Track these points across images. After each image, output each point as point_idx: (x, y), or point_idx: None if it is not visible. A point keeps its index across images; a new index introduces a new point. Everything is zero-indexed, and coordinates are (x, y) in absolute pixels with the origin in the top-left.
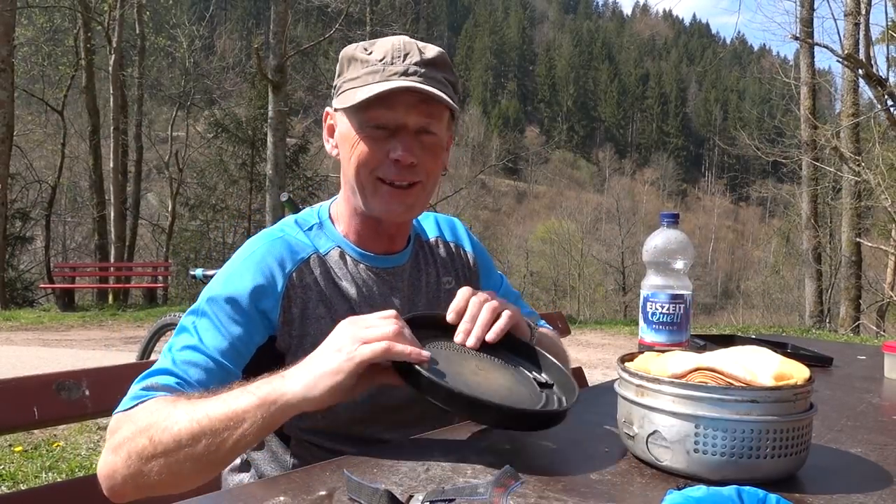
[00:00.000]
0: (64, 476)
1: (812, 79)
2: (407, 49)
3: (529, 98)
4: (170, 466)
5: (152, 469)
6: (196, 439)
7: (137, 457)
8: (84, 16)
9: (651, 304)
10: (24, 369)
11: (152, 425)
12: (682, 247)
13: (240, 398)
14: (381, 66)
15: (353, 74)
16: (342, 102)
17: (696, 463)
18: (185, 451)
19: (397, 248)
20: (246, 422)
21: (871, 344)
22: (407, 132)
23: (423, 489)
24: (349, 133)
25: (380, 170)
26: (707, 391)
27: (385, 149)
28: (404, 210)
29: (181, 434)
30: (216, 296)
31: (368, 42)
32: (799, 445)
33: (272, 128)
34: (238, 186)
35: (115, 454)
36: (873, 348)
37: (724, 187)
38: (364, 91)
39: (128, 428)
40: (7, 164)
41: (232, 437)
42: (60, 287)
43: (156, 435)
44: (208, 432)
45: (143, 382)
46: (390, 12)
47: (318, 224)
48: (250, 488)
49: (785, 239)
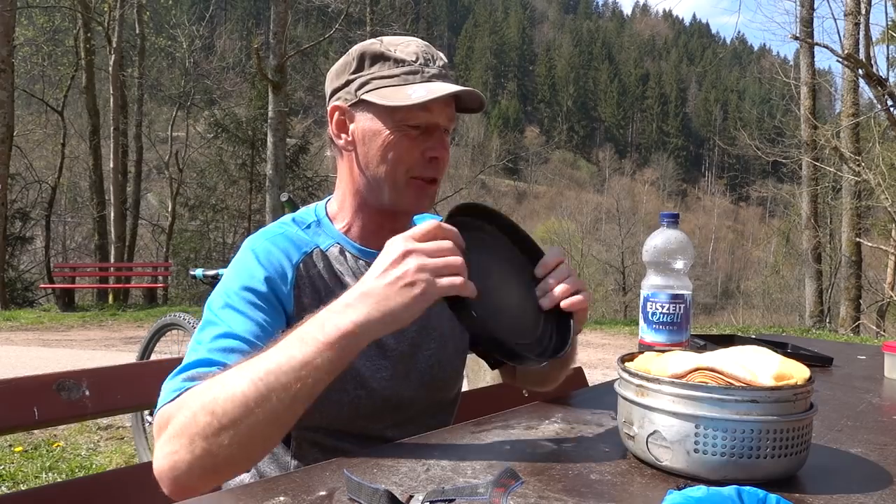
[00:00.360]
0: (64, 476)
1: (812, 79)
2: (431, 51)
3: (529, 98)
4: (240, 436)
5: (222, 444)
6: (265, 398)
7: (202, 436)
8: (84, 16)
9: (651, 304)
10: (24, 369)
11: (211, 401)
12: (682, 247)
13: (300, 346)
14: (418, 67)
15: (386, 72)
16: (384, 98)
17: (696, 463)
18: (256, 414)
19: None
20: (316, 367)
21: (871, 344)
22: (439, 131)
23: (423, 489)
24: (380, 130)
25: (415, 168)
26: (707, 391)
27: (420, 148)
28: (429, 203)
29: (247, 398)
30: (232, 288)
31: (379, 40)
32: (799, 445)
33: (272, 128)
34: (238, 186)
35: (173, 443)
36: (873, 348)
37: (724, 187)
38: (416, 90)
39: (182, 414)
40: (7, 164)
41: (305, 387)
42: (60, 287)
43: (218, 408)
44: (276, 387)
45: (182, 375)
46: (390, 12)
47: (315, 222)
48: (250, 488)
49: (785, 239)
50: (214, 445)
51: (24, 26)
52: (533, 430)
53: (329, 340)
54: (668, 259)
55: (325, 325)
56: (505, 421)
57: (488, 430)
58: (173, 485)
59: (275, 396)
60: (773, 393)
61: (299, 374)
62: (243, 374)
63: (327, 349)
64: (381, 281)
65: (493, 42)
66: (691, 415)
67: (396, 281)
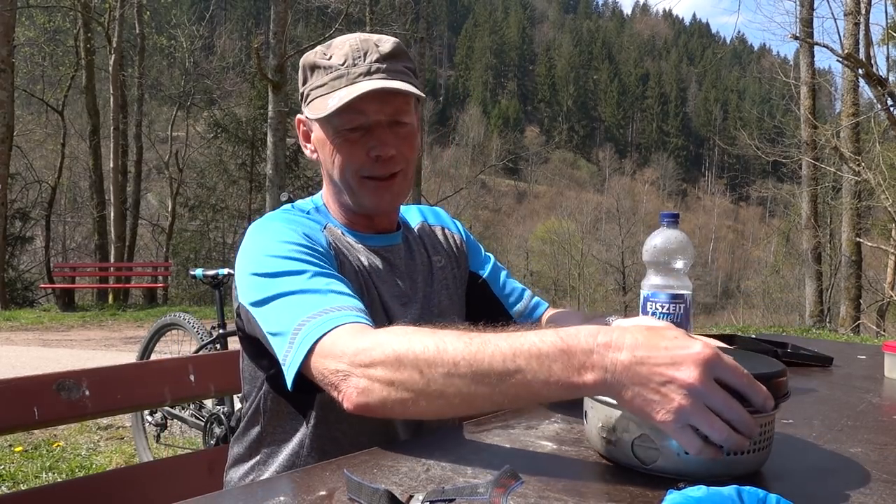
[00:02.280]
0: (64, 476)
1: (812, 79)
2: (364, 47)
3: (529, 98)
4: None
5: (418, 403)
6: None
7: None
8: (84, 16)
9: (651, 303)
10: (24, 369)
11: (426, 363)
12: (682, 247)
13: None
14: (344, 70)
15: (319, 81)
16: (314, 112)
17: (686, 462)
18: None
19: (389, 232)
20: (548, 398)
21: (871, 343)
22: (381, 128)
23: (423, 489)
24: (325, 139)
25: (363, 169)
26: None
27: (364, 148)
28: (391, 199)
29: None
30: (274, 253)
31: (325, 46)
32: (770, 439)
33: (272, 128)
34: (238, 186)
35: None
36: (873, 348)
37: (724, 187)
38: (334, 98)
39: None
40: (7, 164)
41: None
42: (60, 287)
43: (431, 374)
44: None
45: (317, 310)
46: (390, 12)
47: (314, 209)
48: (250, 488)
49: (785, 239)
50: (411, 400)
51: (25, 26)
52: (533, 430)
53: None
54: (668, 259)
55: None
56: (505, 421)
57: (488, 430)
58: (360, 405)
59: (481, 393)
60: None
61: (539, 394)
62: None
63: (576, 392)
64: (650, 361)
65: (493, 42)
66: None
67: (659, 383)
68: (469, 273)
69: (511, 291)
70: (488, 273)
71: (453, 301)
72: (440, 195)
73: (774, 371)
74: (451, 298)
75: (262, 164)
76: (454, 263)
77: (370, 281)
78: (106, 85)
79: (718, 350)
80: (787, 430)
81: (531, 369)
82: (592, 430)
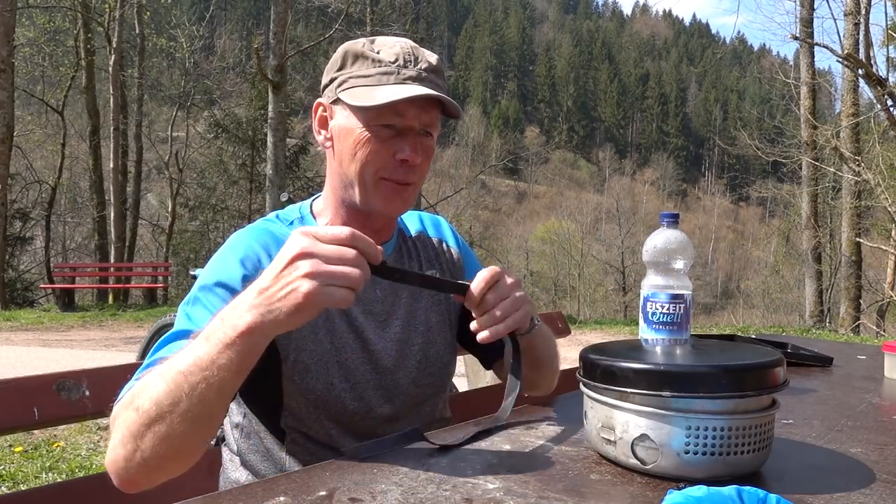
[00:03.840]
0: (64, 476)
1: (812, 79)
2: (416, 53)
3: (529, 98)
4: (161, 433)
5: (146, 441)
6: (177, 398)
7: (130, 433)
8: (84, 16)
9: (651, 304)
10: (24, 369)
11: (136, 397)
12: (682, 247)
13: (205, 345)
14: (394, 69)
15: (364, 72)
16: (354, 98)
17: (686, 463)
18: (172, 414)
19: (382, 241)
20: (220, 367)
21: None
22: (413, 134)
23: (423, 489)
24: (353, 129)
25: (385, 169)
26: (700, 392)
27: (392, 149)
28: (401, 205)
29: (160, 396)
30: (207, 283)
31: (369, 40)
32: (769, 439)
33: (272, 128)
34: (238, 187)
35: (113, 439)
36: (873, 348)
37: (724, 187)
38: (382, 91)
39: (119, 410)
40: (7, 164)
41: (211, 387)
42: (60, 287)
43: (141, 405)
44: (185, 387)
45: (139, 374)
46: (390, 12)
47: (298, 219)
48: (250, 488)
49: (785, 239)
50: (141, 443)
51: (25, 26)
52: (533, 430)
53: (228, 340)
54: (668, 259)
55: (225, 324)
56: (505, 421)
57: (488, 430)
58: (118, 480)
59: (185, 396)
60: (757, 392)
61: (204, 373)
62: (161, 374)
63: (227, 348)
64: (271, 280)
65: (493, 42)
66: (683, 416)
67: (285, 284)
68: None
69: None
70: None
71: (443, 318)
72: (440, 195)
73: (770, 360)
74: (442, 315)
75: (262, 164)
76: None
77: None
78: (106, 85)
79: (308, 231)
80: (787, 430)
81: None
82: (592, 430)
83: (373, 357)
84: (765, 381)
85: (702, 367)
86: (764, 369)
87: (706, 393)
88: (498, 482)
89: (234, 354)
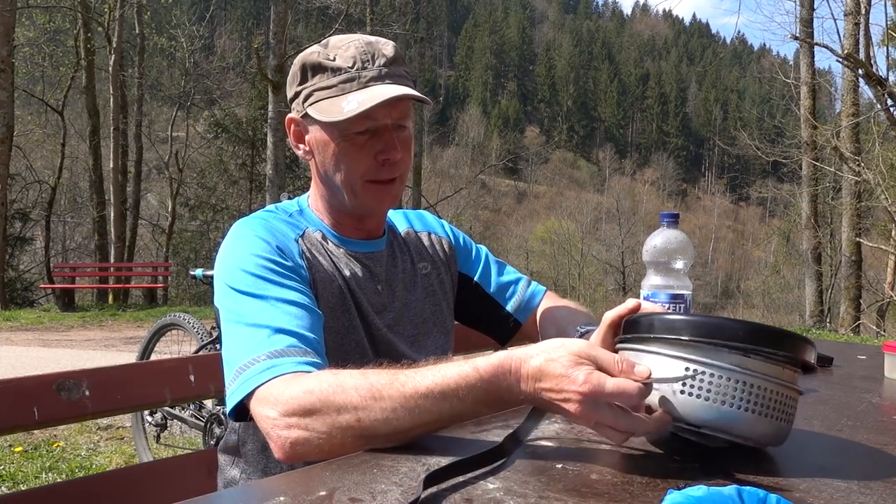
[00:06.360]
0: (64, 476)
1: (812, 79)
2: (370, 51)
3: (529, 98)
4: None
5: (354, 444)
6: (408, 428)
7: (342, 432)
8: (84, 16)
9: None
10: (24, 369)
11: (358, 407)
12: (682, 247)
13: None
14: (354, 73)
15: (325, 83)
16: (324, 114)
17: (680, 404)
18: (399, 435)
19: (374, 239)
20: (464, 417)
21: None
22: (388, 131)
23: (422, 489)
24: (329, 142)
25: (369, 173)
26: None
27: (371, 152)
28: (391, 201)
29: (393, 424)
30: (248, 264)
31: (322, 45)
32: (781, 412)
33: (272, 128)
34: (238, 187)
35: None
36: (873, 348)
37: (724, 187)
38: (349, 102)
39: (324, 400)
40: (7, 164)
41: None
42: (60, 287)
43: (366, 417)
44: (423, 422)
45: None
46: (390, 12)
47: (298, 211)
48: (250, 488)
49: (785, 239)
50: (347, 441)
51: (25, 26)
52: (533, 429)
53: (493, 409)
54: (668, 259)
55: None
56: (505, 421)
57: (488, 430)
58: (290, 454)
59: (419, 427)
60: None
61: (450, 420)
62: (400, 398)
63: (487, 411)
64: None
65: (493, 42)
66: (683, 356)
67: (566, 394)
68: (460, 276)
69: (505, 286)
70: (480, 273)
71: (439, 308)
72: (440, 195)
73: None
74: (437, 305)
75: (262, 164)
76: (442, 269)
77: (348, 288)
78: (106, 85)
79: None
80: None
81: (462, 409)
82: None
83: (361, 344)
84: (800, 351)
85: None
86: (804, 342)
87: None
88: (498, 482)
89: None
